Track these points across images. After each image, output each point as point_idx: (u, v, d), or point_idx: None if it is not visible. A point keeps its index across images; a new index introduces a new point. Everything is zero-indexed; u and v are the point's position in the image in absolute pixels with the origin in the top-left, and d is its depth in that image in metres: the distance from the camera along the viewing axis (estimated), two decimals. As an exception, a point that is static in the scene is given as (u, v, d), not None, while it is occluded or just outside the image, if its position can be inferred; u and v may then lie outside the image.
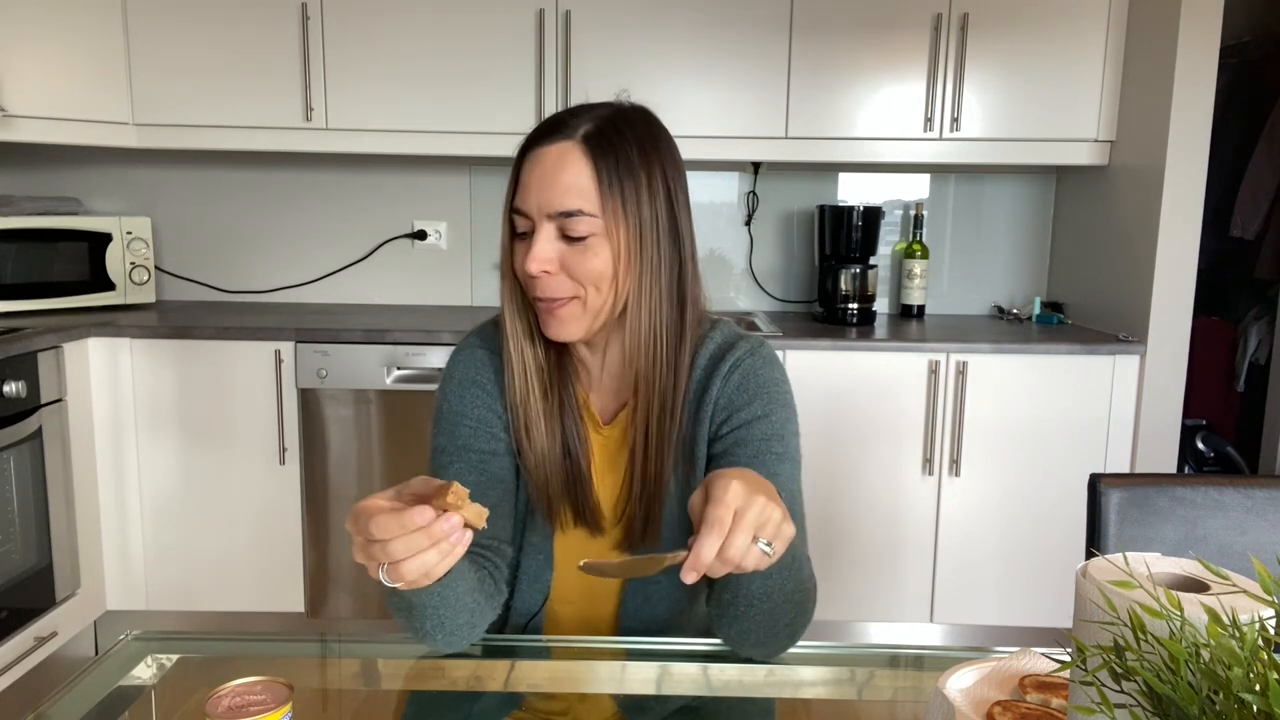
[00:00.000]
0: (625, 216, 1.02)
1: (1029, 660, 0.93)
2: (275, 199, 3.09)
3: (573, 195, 1.00)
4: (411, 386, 2.56)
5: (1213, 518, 1.26)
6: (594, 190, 1.00)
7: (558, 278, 1.02)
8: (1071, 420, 2.60)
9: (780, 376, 1.13)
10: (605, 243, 1.01)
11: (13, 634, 2.27)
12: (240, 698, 0.79)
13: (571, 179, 1.00)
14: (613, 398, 1.14)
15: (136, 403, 2.56)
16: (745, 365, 1.10)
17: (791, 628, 1.00)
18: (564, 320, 1.04)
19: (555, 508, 1.11)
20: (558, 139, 1.02)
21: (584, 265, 1.01)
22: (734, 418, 1.09)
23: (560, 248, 1.01)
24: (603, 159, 1.01)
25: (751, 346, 1.12)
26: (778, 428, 1.09)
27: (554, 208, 1.00)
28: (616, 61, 2.68)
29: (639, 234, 1.02)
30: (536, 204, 1.01)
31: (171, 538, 2.61)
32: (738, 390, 1.09)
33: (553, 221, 1.01)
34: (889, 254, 3.16)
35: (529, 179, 1.02)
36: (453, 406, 1.12)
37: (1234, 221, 3.09)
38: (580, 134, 1.02)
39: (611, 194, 1.01)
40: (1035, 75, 2.71)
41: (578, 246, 1.01)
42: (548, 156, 1.02)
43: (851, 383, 2.58)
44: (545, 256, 1.01)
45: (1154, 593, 0.62)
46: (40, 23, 2.51)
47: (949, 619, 2.69)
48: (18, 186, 3.02)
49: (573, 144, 1.02)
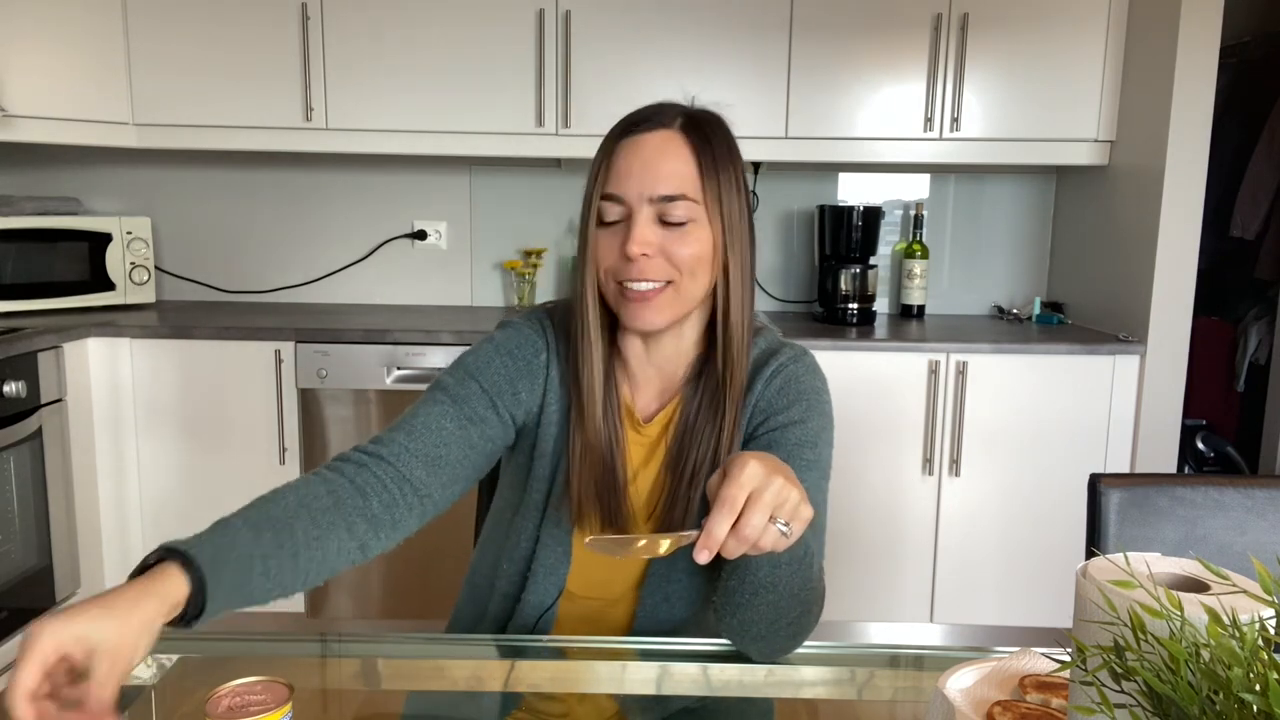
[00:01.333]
0: (721, 206, 1.04)
1: (1029, 660, 0.93)
2: (275, 199, 3.09)
3: (676, 180, 1.02)
4: (411, 386, 2.56)
5: (1213, 518, 1.26)
6: (695, 177, 1.03)
7: (656, 261, 1.03)
8: (1071, 420, 2.60)
9: (821, 386, 1.15)
10: (704, 229, 1.04)
11: (13, 634, 2.27)
12: (240, 698, 0.79)
13: (675, 165, 1.02)
14: (655, 397, 1.14)
15: (136, 403, 2.56)
16: (789, 370, 1.12)
17: (794, 627, 1.00)
18: (657, 308, 1.04)
19: (584, 510, 1.10)
20: (656, 127, 1.04)
21: (683, 250, 1.03)
22: (771, 420, 1.10)
23: (660, 233, 1.03)
24: (702, 146, 1.04)
25: (795, 354, 1.14)
26: (812, 435, 1.10)
27: (657, 192, 1.02)
28: (616, 61, 2.68)
29: (731, 224, 1.05)
30: (637, 189, 1.02)
31: (171, 538, 2.60)
32: (779, 394, 1.11)
33: (653, 206, 1.02)
34: (889, 254, 3.16)
35: (627, 165, 1.03)
36: (476, 362, 1.11)
37: (1234, 221, 3.09)
38: (679, 123, 1.05)
39: (709, 182, 1.04)
40: (1035, 75, 2.71)
41: (676, 232, 1.03)
42: (648, 143, 1.03)
43: (851, 383, 2.58)
44: (646, 239, 1.02)
45: (1154, 593, 0.62)
46: (40, 23, 2.51)
47: (949, 619, 2.69)
48: (18, 186, 3.02)
49: (674, 132, 1.04)
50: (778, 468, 0.83)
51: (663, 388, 1.14)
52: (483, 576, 1.21)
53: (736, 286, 1.07)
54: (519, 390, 1.11)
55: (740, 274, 1.07)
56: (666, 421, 1.12)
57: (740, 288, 1.07)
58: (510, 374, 1.11)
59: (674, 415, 1.12)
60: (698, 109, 1.09)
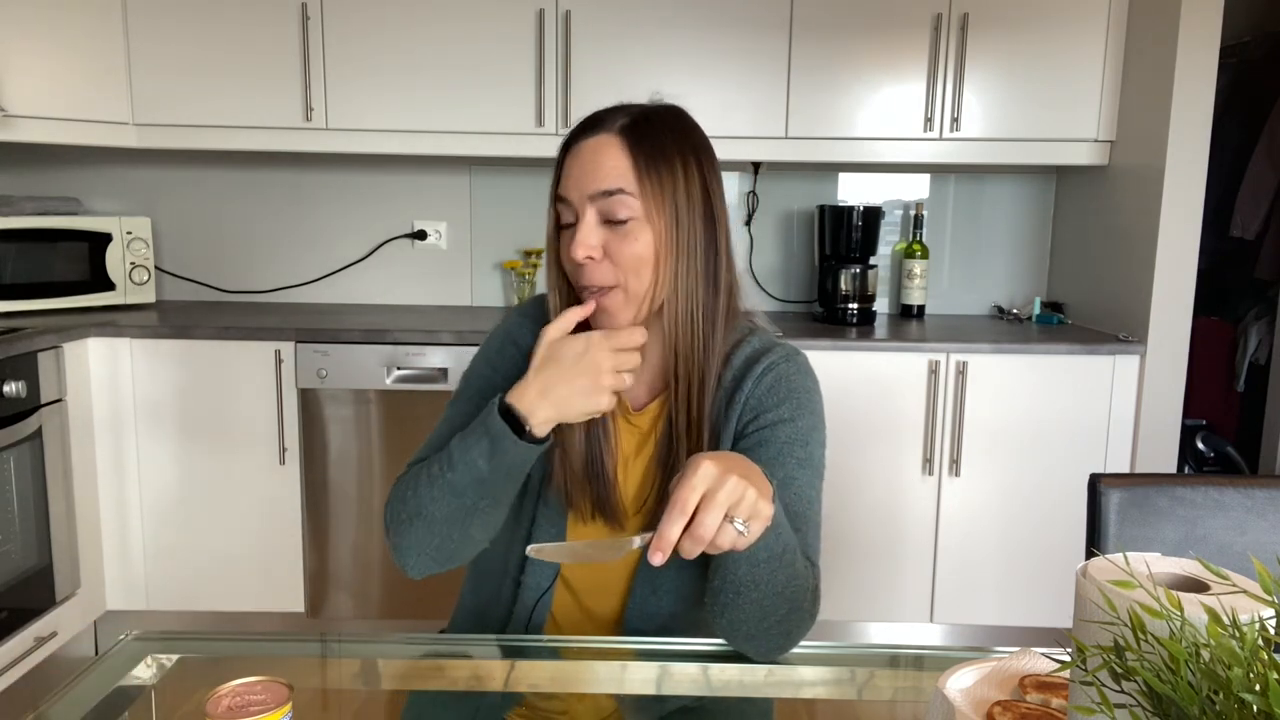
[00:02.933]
0: (664, 201, 1.05)
1: (1029, 660, 0.93)
2: (275, 199, 3.09)
3: (613, 176, 1.04)
4: (411, 386, 2.57)
5: (1213, 518, 1.26)
6: (631, 173, 1.04)
7: (601, 265, 1.04)
8: (1071, 420, 2.60)
9: (812, 386, 1.15)
10: (646, 227, 1.05)
11: (13, 634, 2.27)
12: (240, 698, 0.79)
13: (611, 163, 1.05)
14: (645, 387, 1.15)
15: (136, 403, 2.56)
16: (779, 370, 1.13)
17: (785, 625, 1.01)
18: (608, 310, 1.06)
19: (575, 498, 1.12)
20: (597, 132, 1.07)
21: (626, 250, 1.04)
22: (761, 417, 1.11)
23: (603, 233, 1.05)
24: (639, 146, 1.05)
25: (787, 353, 1.15)
26: (802, 434, 1.11)
27: (594, 188, 1.04)
28: (616, 61, 2.68)
29: (675, 219, 1.06)
30: (578, 189, 1.05)
31: (171, 538, 2.61)
32: (769, 392, 1.12)
33: (594, 204, 1.04)
34: (889, 254, 3.16)
35: (571, 168, 1.07)
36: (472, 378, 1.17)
37: (1234, 221, 3.09)
38: (617, 126, 1.07)
39: (649, 178, 1.05)
40: (1035, 75, 2.71)
41: (619, 231, 1.04)
42: (586, 148, 1.06)
43: (851, 383, 2.58)
44: (589, 242, 1.04)
45: (1154, 593, 0.62)
46: (40, 23, 2.51)
47: (949, 619, 2.69)
48: (18, 186, 3.02)
49: (611, 135, 1.06)
50: (734, 466, 0.85)
51: (653, 379, 1.15)
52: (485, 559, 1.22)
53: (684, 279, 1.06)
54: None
55: (689, 266, 1.06)
56: (657, 413, 1.14)
57: (688, 280, 1.06)
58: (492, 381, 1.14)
59: (663, 408, 1.13)
60: (649, 106, 1.11)
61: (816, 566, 1.08)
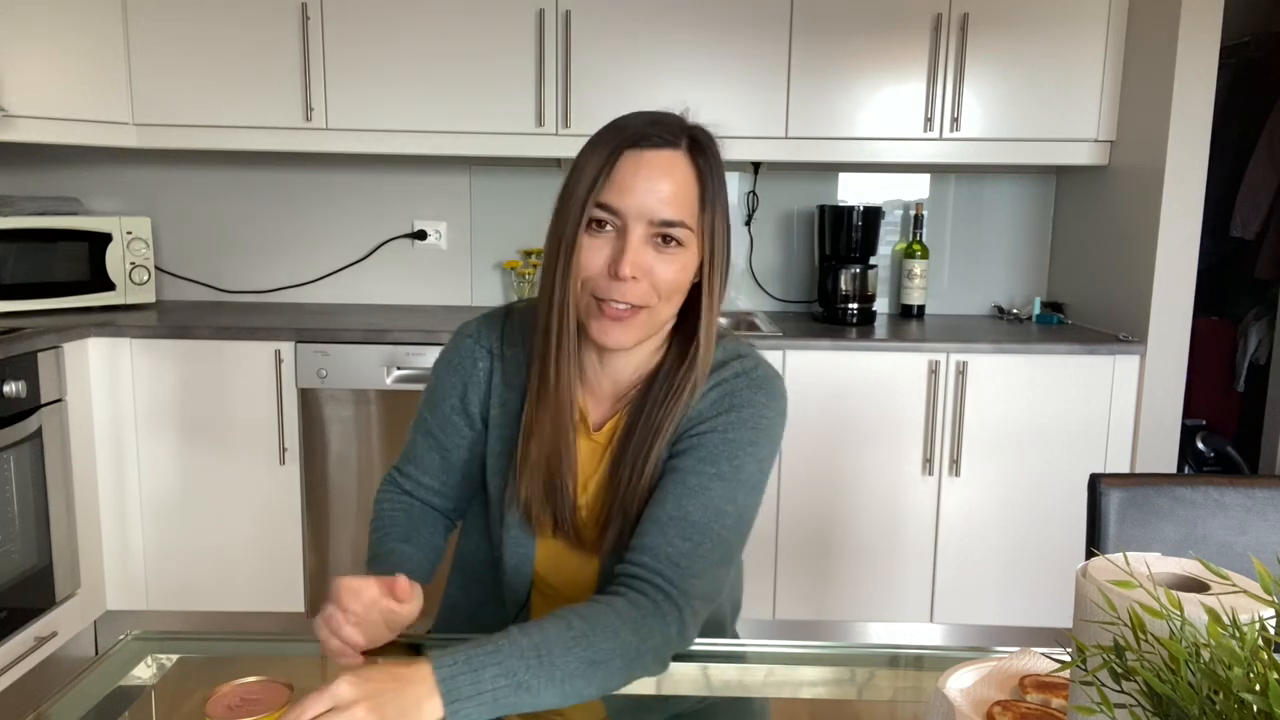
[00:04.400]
0: (712, 233, 1.04)
1: (1029, 660, 0.93)
2: (275, 199, 3.09)
3: (679, 206, 1.01)
4: (411, 386, 2.56)
5: (1213, 518, 1.26)
6: (696, 204, 1.02)
7: (640, 285, 1.01)
8: (1071, 420, 2.60)
9: (764, 400, 1.08)
10: (692, 256, 1.03)
11: (13, 634, 2.27)
12: (240, 698, 0.79)
13: (679, 190, 1.01)
14: (609, 405, 1.13)
15: (136, 403, 2.56)
16: (730, 384, 1.09)
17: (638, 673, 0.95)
18: (630, 328, 1.03)
19: (538, 517, 1.12)
20: (664, 146, 1.02)
21: (668, 276, 1.02)
22: (696, 427, 1.07)
23: (650, 253, 1.01)
24: (706, 175, 1.03)
25: (745, 367, 1.10)
26: (733, 447, 1.05)
27: (658, 215, 1.00)
28: (616, 61, 2.68)
29: (715, 250, 1.05)
30: (636, 208, 1.00)
31: (171, 538, 2.61)
32: (711, 404, 1.08)
33: (650, 228, 1.01)
34: (889, 254, 3.16)
35: (631, 180, 1.00)
36: (436, 387, 1.18)
37: (1234, 221, 3.09)
38: (685, 143, 1.03)
39: (706, 210, 1.03)
40: (1035, 75, 2.71)
41: (664, 256, 1.02)
42: (656, 162, 1.01)
43: (851, 383, 2.58)
44: (640, 262, 1.00)
45: (1154, 593, 0.62)
46: (40, 23, 2.51)
47: (949, 619, 2.69)
48: (18, 186, 3.02)
49: (681, 154, 1.02)
50: (374, 693, 0.78)
51: (615, 396, 1.13)
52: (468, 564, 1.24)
53: (711, 314, 1.07)
54: (469, 406, 1.16)
55: (715, 298, 1.06)
56: (613, 430, 1.12)
57: (712, 314, 1.07)
58: (459, 392, 1.16)
59: (620, 422, 1.11)
60: (697, 127, 1.06)
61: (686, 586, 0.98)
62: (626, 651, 0.92)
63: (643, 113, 1.06)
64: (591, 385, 1.13)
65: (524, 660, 0.86)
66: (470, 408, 1.15)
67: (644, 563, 0.99)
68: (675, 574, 0.98)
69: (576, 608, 0.94)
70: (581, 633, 0.90)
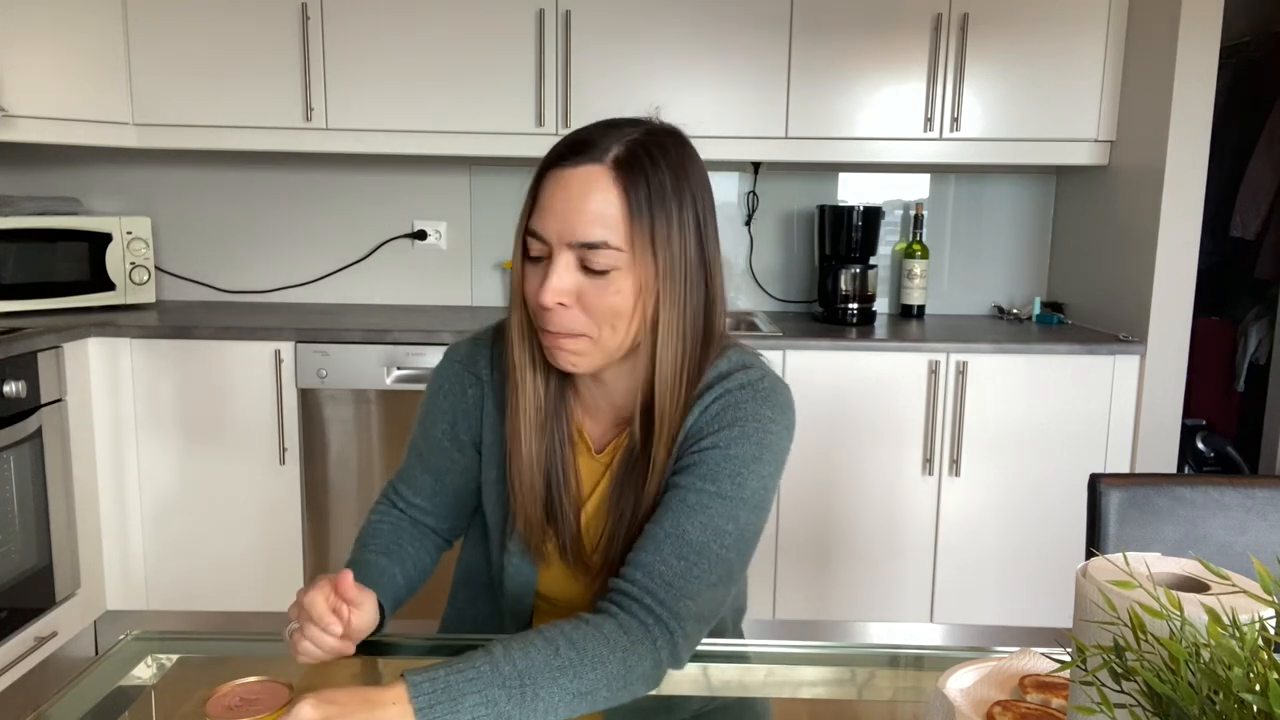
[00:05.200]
0: (653, 251, 0.95)
1: (1029, 660, 0.93)
2: (275, 199, 3.09)
3: (598, 226, 0.93)
4: (411, 386, 2.56)
5: (1213, 518, 1.26)
6: (621, 222, 0.93)
7: (571, 312, 0.95)
8: (1071, 420, 2.60)
9: (769, 414, 1.02)
10: (628, 277, 0.95)
11: (13, 634, 2.27)
12: (240, 698, 0.79)
13: (598, 208, 0.93)
14: (610, 427, 1.10)
15: (136, 403, 2.56)
16: (731, 397, 1.02)
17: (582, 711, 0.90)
18: (572, 354, 0.98)
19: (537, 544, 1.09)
20: (584, 161, 0.94)
21: (602, 301, 0.95)
22: (698, 443, 1.01)
23: (579, 280, 0.95)
24: (633, 187, 0.94)
25: (750, 379, 1.03)
26: (733, 463, 0.99)
27: (576, 238, 0.93)
28: (616, 61, 2.68)
29: (667, 269, 0.96)
30: (557, 231, 0.94)
31: (171, 538, 2.61)
32: (713, 418, 1.01)
33: (573, 251, 0.94)
34: (889, 254, 3.16)
35: (550, 202, 0.95)
36: (427, 412, 1.16)
37: (1234, 221, 3.09)
38: (610, 157, 0.94)
39: (640, 227, 0.94)
40: (1035, 75, 2.71)
41: (598, 280, 0.94)
42: (573, 180, 0.94)
43: (851, 383, 2.58)
44: (561, 288, 0.94)
45: (1154, 593, 0.62)
46: (40, 23, 2.51)
47: (949, 619, 2.69)
48: (18, 186, 3.02)
49: (601, 168, 0.94)
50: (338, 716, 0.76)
51: (616, 418, 1.09)
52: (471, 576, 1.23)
53: (674, 333, 0.98)
54: (459, 435, 1.14)
55: (676, 318, 0.97)
56: (617, 449, 1.08)
57: (674, 334, 0.98)
58: (450, 420, 1.14)
59: (624, 442, 1.07)
60: (643, 134, 0.98)
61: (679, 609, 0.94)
62: (613, 681, 0.88)
63: (592, 124, 1.00)
64: (589, 406, 1.10)
65: (505, 690, 0.82)
66: (460, 435, 1.13)
67: (637, 580, 0.95)
68: (668, 594, 0.94)
69: (564, 629, 0.89)
70: (569, 661, 0.86)
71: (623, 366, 1.04)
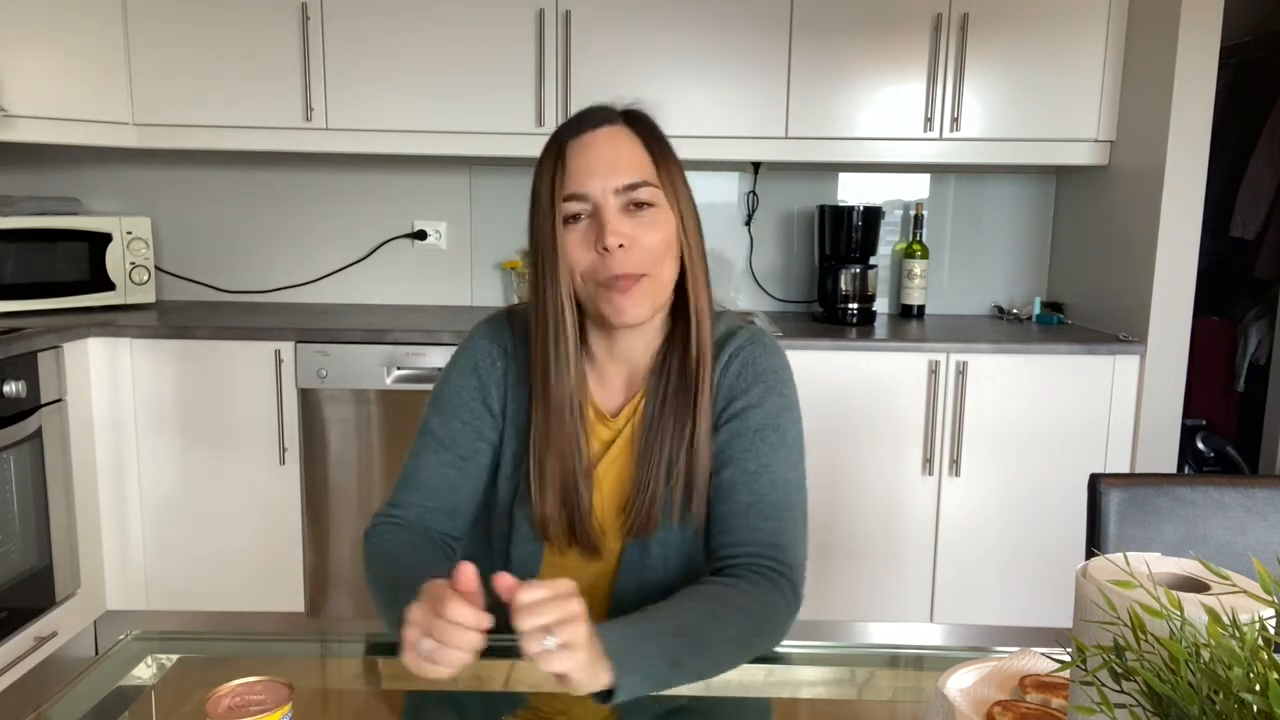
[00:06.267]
0: (677, 194, 1.08)
1: (1029, 660, 0.93)
2: (275, 199, 3.09)
3: (635, 167, 1.05)
4: (412, 386, 2.56)
5: (1213, 518, 1.26)
6: (649, 164, 1.06)
7: (630, 253, 1.03)
8: (1071, 420, 2.60)
9: (779, 364, 1.14)
10: (668, 214, 1.06)
11: (13, 634, 2.27)
12: (240, 698, 0.79)
13: (630, 153, 1.05)
14: (621, 391, 1.15)
15: (136, 403, 2.56)
16: (745, 353, 1.12)
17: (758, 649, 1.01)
18: (637, 299, 1.04)
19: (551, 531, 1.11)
20: (601, 124, 1.07)
21: (653, 236, 1.04)
22: (732, 405, 1.10)
23: (630, 222, 1.04)
24: (650, 137, 1.08)
25: (752, 335, 1.14)
26: (773, 416, 1.10)
27: (619, 182, 1.04)
28: (616, 61, 2.68)
29: (687, 211, 1.08)
30: (600, 184, 1.03)
31: (171, 538, 2.61)
32: (737, 377, 1.11)
33: (620, 196, 1.04)
34: (889, 254, 3.16)
35: (584, 163, 1.04)
36: (450, 397, 1.15)
37: (1234, 221, 3.09)
38: (621, 119, 1.08)
39: (665, 168, 1.07)
40: (1035, 75, 2.71)
41: (644, 218, 1.05)
42: (599, 139, 1.06)
43: (851, 383, 2.58)
44: (620, 229, 1.03)
45: (1154, 593, 0.62)
46: (40, 23, 2.51)
47: (949, 619, 2.69)
48: (18, 186, 3.02)
49: (619, 126, 1.07)
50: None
51: (628, 381, 1.15)
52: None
53: (698, 272, 1.09)
54: (491, 406, 1.14)
55: (699, 259, 1.10)
56: (632, 414, 1.13)
57: (700, 273, 1.10)
58: (480, 393, 1.14)
59: (639, 407, 1.13)
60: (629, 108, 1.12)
61: (789, 560, 1.06)
62: (761, 628, 1.00)
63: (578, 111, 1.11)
64: (604, 374, 1.14)
65: (677, 640, 0.92)
66: (492, 405, 1.14)
67: (743, 552, 1.05)
68: (776, 553, 1.05)
69: (704, 590, 1.00)
70: (722, 614, 0.97)
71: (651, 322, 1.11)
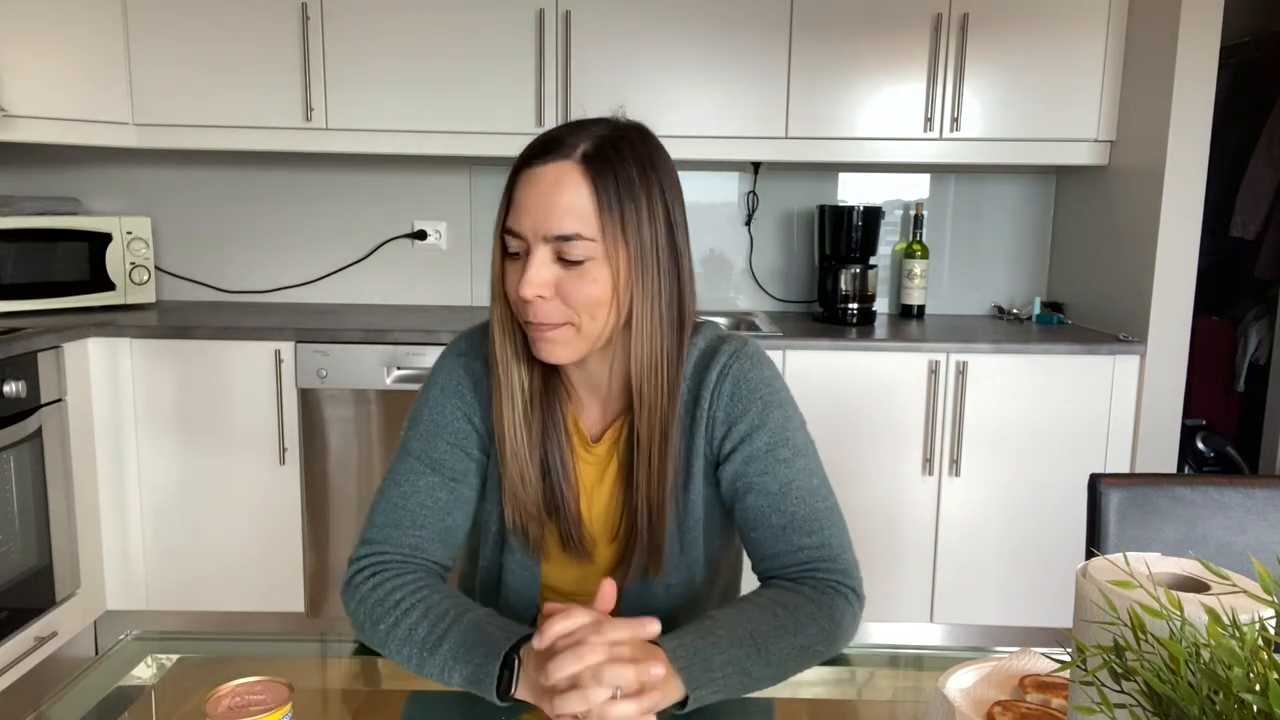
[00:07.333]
0: (625, 240, 0.98)
1: (1029, 660, 0.93)
2: (275, 199, 3.09)
3: (571, 218, 0.96)
4: (411, 386, 2.56)
5: (1213, 518, 1.26)
6: (593, 213, 0.97)
7: (551, 303, 0.98)
8: (1071, 420, 2.60)
9: (770, 374, 1.10)
10: (604, 267, 0.98)
11: (13, 634, 2.27)
12: (240, 698, 0.79)
13: (569, 201, 0.97)
14: (601, 415, 1.12)
15: (136, 403, 2.56)
16: (734, 371, 1.08)
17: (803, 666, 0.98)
18: (555, 343, 1.00)
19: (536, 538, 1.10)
20: (554, 158, 0.98)
21: (580, 291, 0.98)
22: (734, 431, 1.07)
23: (556, 271, 0.98)
24: (602, 180, 0.97)
25: (735, 349, 1.09)
26: (780, 431, 1.07)
27: (550, 231, 0.96)
28: (616, 62, 2.68)
29: (639, 257, 0.99)
30: (532, 226, 0.97)
31: (171, 538, 2.61)
32: (731, 400, 1.07)
33: (548, 245, 0.97)
34: (889, 254, 3.16)
35: (524, 199, 0.98)
36: (433, 416, 1.10)
37: (1234, 221, 3.09)
38: (579, 154, 0.98)
39: (611, 217, 0.97)
40: (1035, 75, 2.71)
41: (574, 271, 0.97)
42: (544, 177, 0.98)
43: (851, 383, 2.58)
44: (540, 280, 0.97)
45: (1154, 593, 0.62)
46: (40, 23, 2.51)
47: (949, 619, 2.69)
48: (18, 186, 3.02)
49: (570, 164, 0.98)
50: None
51: (604, 406, 1.11)
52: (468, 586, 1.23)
53: (648, 319, 1.01)
54: (475, 423, 1.10)
55: (651, 307, 1.01)
56: (615, 439, 1.10)
57: (651, 320, 1.01)
58: (464, 413, 1.10)
59: (621, 433, 1.10)
60: (610, 130, 1.02)
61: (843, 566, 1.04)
62: (826, 635, 0.98)
63: (561, 125, 1.05)
64: (578, 398, 1.12)
65: (743, 649, 0.92)
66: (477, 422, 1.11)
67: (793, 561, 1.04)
68: (827, 562, 1.04)
69: (768, 596, 1.00)
70: (787, 621, 0.96)
71: (604, 353, 1.06)
